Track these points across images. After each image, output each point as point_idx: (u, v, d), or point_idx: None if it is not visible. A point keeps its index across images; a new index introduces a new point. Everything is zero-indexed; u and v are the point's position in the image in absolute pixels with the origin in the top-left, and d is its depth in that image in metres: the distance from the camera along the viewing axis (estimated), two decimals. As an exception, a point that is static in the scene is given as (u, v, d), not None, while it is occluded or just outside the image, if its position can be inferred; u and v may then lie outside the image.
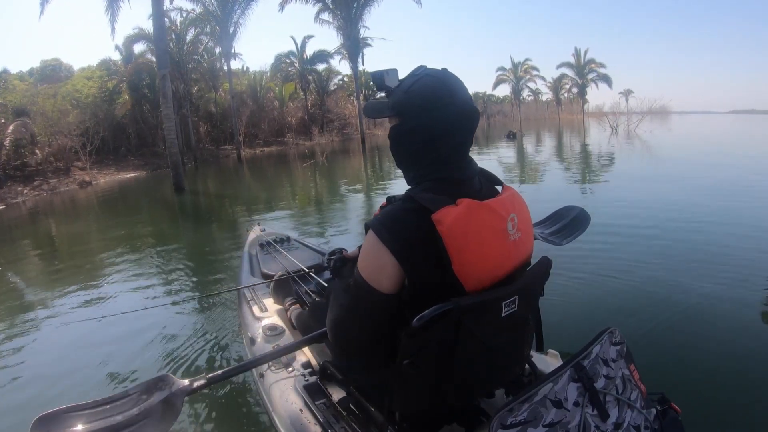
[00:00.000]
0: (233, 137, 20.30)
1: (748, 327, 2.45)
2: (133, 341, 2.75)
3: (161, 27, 11.07)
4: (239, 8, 18.64)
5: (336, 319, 0.98)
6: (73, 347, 2.86)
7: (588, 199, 6.71)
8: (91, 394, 2.16)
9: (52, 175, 14.11)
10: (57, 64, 21.86)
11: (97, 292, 3.87)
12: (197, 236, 6.19)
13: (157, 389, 1.04)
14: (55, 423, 0.91)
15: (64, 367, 2.57)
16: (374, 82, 0.96)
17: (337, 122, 30.58)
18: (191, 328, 2.87)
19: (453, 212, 0.84)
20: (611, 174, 9.44)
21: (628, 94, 47.40)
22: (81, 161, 15.45)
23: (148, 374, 2.31)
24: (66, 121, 15.12)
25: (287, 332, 1.71)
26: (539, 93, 56.28)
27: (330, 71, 30.72)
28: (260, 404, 1.62)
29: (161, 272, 4.35)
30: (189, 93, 20.75)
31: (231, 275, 3.88)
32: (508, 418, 0.78)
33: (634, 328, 2.42)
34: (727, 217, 4.91)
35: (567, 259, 3.32)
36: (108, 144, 17.90)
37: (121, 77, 19.66)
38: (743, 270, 3.23)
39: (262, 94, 26.55)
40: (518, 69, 46.49)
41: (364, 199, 8.07)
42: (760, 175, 8.10)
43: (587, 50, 43.22)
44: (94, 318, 3.16)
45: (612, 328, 0.99)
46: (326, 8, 21.54)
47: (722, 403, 1.83)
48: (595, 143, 17.54)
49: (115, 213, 8.94)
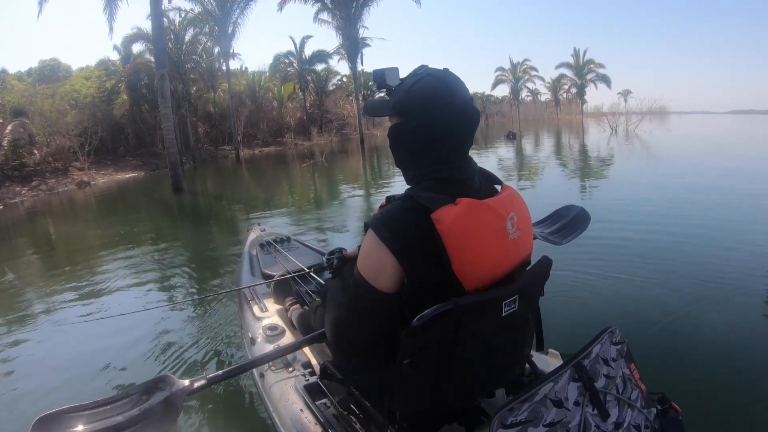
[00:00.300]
0: (232, 137, 20.25)
1: (749, 327, 2.45)
2: (133, 342, 2.75)
3: (160, 26, 11.02)
4: (238, 8, 18.65)
5: (335, 319, 0.98)
6: (74, 348, 2.85)
7: (588, 198, 6.72)
8: (92, 394, 2.15)
9: (50, 175, 14.08)
10: (55, 64, 21.80)
11: (96, 293, 3.87)
12: (196, 237, 6.19)
13: (157, 389, 1.04)
14: (56, 423, 0.91)
15: (64, 368, 2.56)
16: (375, 80, 0.96)
17: (335, 122, 30.53)
18: (192, 328, 2.87)
19: (452, 211, 0.84)
20: (611, 174, 9.44)
21: (626, 95, 47.47)
22: (79, 161, 15.40)
23: (149, 374, 2.32)
24: (64, 121, 15.07)
25: (287, 332, 1.71)
26: (538, 93, 56.38)
27: (329, 71, 30.72)
28: (261, 404, 1.62)
29: (161, 273, 4.34)
30: (187, 93, 20.70)
31: (230, 275, 3.88)
32: (509, 417, 0.78)
33: (635, 327, 2.42)
34: (729, 217, 4.91)
35: (567, 259, 3.32)
36: (106, 144, 17.84)
37: (119, 77, 19.60)
38: (744, 270, 3.23)
39: (260, 94, 26.52)
40: (517, 69, 46.50)
41: (363, 199, 8.07)
42: (762, 175, 8.13)
43: (586, 50, 43.31)
44: (93, 319, 3.17)
45: (612, 328, 0.99)
46: (325, 8, 21.53)
47: (722, 402, 1.83)
48: (595, 144, 17.55)
49: (113, 213, 8.92)
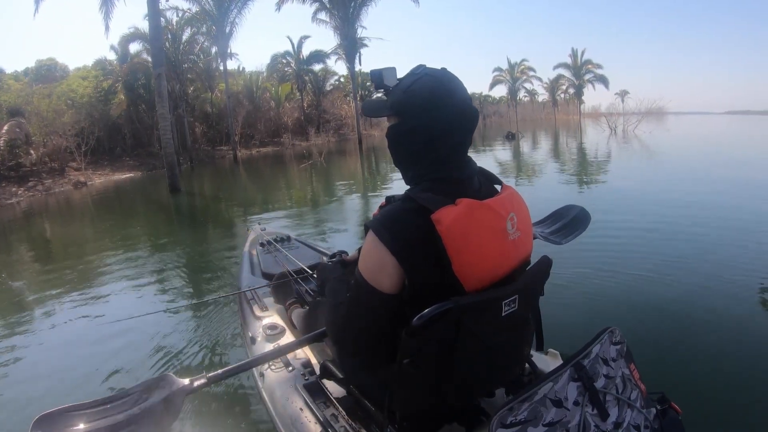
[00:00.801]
0: (229, 138, 20.12)
1: (749, 327, 2.46)
2: (133, 341, 2.74)
3: (157, 25, 10.83)
4: (236, 8, 18.55)
5: (336, 319, 0.98)
6: (74, 348, 2.85)
7: (588, 198, 6.72)
8: (92, 393, 2.15)
9: (46, 175, 13.94)
10: (52, 64, 21.62)
11: (96, 293, 3.87)
12: (194, 239, 6.15)
13: (157, 388, 1.04)
14: (56, 422, 0.90)
15: (64, 368, 2.56)
16: (372, 81, 0.96)
17: (333, 123, 30.45)
18: (192, 327, 2.87)
19: (452, 212, 0.84)
20: (611, 174, 9.45)
21: (624, 95, 47.55)
22: (76, 162, 15.23)
23: (149, 374, 2.32)
24: (61, 121, 14.91)
25: (287, 332, 1.72)
26: (535, 94, 56.40)
27: (326, 71, 30.60)
28: (260, 403, 1.62)
29: (161, 275, 4.33)
30: (185, 93, 20.56)
31: (230, 276, 3.88)
32: (509, 417, 0.78)
33: (635, 327, 2.42)
34: (729, 216, 4.92)
35: (567, 259, 3.32)
36: (103, 144, 17.71)
37: (116, 77, 19.44)
38: (745, 270, 3.24)
39: (258, 94, 26.41)
40: (515, 70, 46.47)
41: (361, 199, 8.08)
42: (762, 173, 8.14)
43: (584, 51, 43.45)
44: (96, 324, 3.17)
45: (612, 328, 0.99)
46: (323, 8, 21.42)
47: (722, 402, 1.84)
48: (594, 144, 17.57)
49: (110, 215, 8.87)
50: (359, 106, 26.50)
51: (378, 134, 31.56)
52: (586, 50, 44.99)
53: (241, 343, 2.36)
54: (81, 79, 18.94)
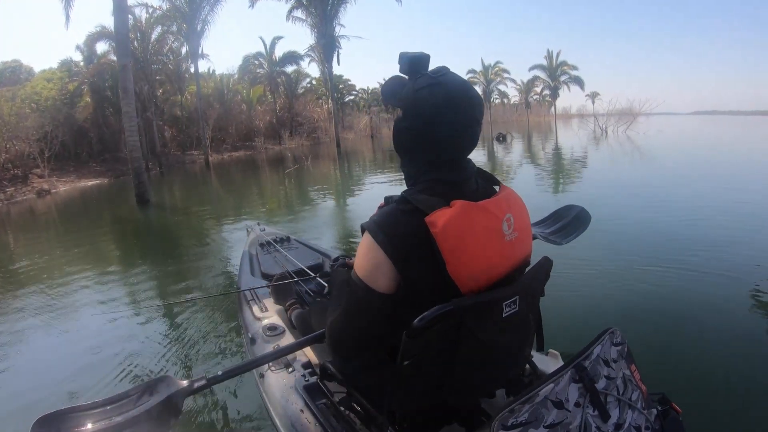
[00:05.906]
0: (200, 142, 19.37)
1: (750, 327, 2.45)
2: (133, 343, 2.75)
3: (123, 9, 9.41)
4: (208, 5, 18.00)
5: (333, 320, 0.98)
6: (73, 350, 2.85)
7: (588, 198, 6.71)
8: (92, 395, 2.16)
9: (8, 183, 13.16)
10: (17, 66, 21.09)
11: (96, 293, 3.87)
12: (167, 271, 5.23)
13: (157, 390, 1.04)
14: (56, 424, 0.90)
15: (64, 369, 2.56)
16: (401, 63, 0.92)
17: (306, 126, 29.95)
18: (191, 329, 2.87)
19: (446, 214, 0.84)
20: (611, 174, 9.45)
21: (594, 97, 47.63)
22: (40, 168, 14.48)
23: (149, 375, 2.32)
24: (24, 126, 14.29)
25: (287, 332, 1.71)
26: (506, 96, 56.27)
27: (299, 73, 30.24)
28: (260, 405, 1.62)
29: (159, 274, 4.33)
30: (154, 95, 19.85)
31: (230, 276, 3.89)
32: (509, 419, 0.78)
33: (635, 328, 2.42)
34: (731, 217, 4.92)
35: (568, 259, 3.32)
36: (68, 149, 16.99)
37: (82, 79, 18.83)
38: (745, 270, 3.23)
39: (229, 97, 25.94)
40: (489, 71, 46.21)
41: (339, 204, 7.94)
42: (759, 172, 8.13)
43: (560, 52, 43.70)
44: (91, 321, 3.16)
45: (613, 329, 0.99)
46: (300, 5, 20.76)
47: (723, 403, 1.83)
48: (586, 146, 17.53)
49: (74, 230, 7.66)
50: (332, 107, 25.74)
51: (351, 137, 30.91)
52: (561, 52, 45.05)
53: (241, 344, 2.36)
54: (46, 81, 18.34)
